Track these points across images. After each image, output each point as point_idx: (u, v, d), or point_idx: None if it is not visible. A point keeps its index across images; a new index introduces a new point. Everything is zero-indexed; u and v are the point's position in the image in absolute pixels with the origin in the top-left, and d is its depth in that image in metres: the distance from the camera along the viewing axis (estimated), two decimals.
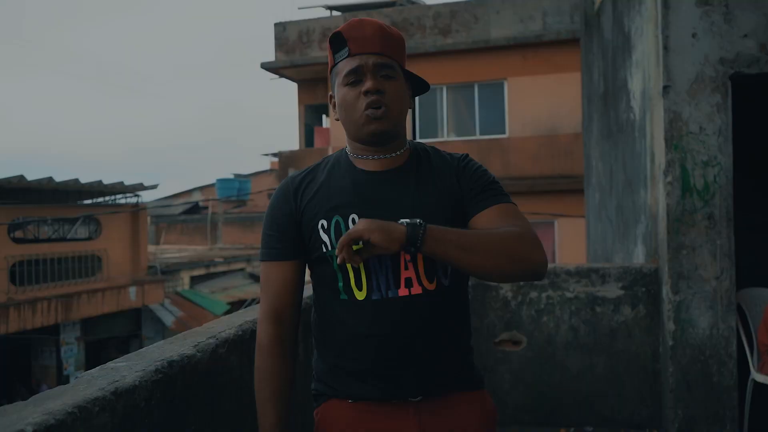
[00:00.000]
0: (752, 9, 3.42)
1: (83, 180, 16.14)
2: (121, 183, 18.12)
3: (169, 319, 18.83)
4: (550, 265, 3.42)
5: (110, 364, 1.37)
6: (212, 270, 22.81)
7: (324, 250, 1.34)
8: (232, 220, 30.63)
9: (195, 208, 32.72)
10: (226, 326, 1.79)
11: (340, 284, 1.34)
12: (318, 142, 13.38)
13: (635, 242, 4.25)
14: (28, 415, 1.01)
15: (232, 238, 30.03)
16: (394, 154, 1.38)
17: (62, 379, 15.25)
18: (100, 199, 19.14)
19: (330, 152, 8.68)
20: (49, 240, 18.25)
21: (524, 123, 11.68)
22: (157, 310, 18.92)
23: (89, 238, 18.74)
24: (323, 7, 14.10)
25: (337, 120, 1.40)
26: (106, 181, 17.21)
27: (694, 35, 3.48)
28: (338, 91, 1.35)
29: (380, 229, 1.20)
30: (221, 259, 23.83)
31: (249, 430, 1.74)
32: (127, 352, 18.91)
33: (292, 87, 14.31)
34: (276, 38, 12.70)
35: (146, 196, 20.35)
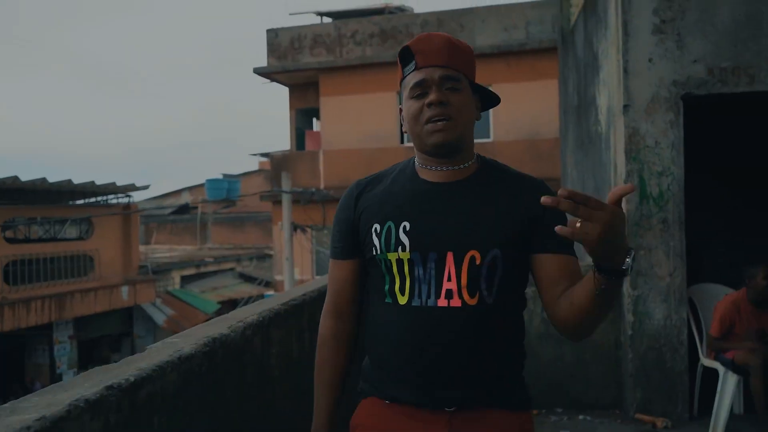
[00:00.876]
0: (701, 37, 3.87)
1: (76, 180, 16.36)
2: (113, 183, 18.34)
3: (160, 318, 19.08)
4: None
5: (168, 340, 1.77)
6: (202, 270, 23.09)
7: (374, 252, 1.37)
8: (221, 220, 30.88)
9: (184, 208, 32.92)
10: (250, 313, 2.18)
11: (387, 287, 1.37)
12: (309, 146, 13.76)
13: None
14: (127, 370, 1.41)
15: (222, 238, 30.29)
16: (459, 167, 1.38)
17: (55, 377, 15.50)
18: (93, 200, 19.32)
19: (320, 156, 9.15)
20: (41, 240, 18.45)
21: (508, 128, 12.16)
22: (148, 309, 19.16)
23: (81, 238, 18.94)
24: (314, 13, 14.50)
25: (405, 132, 1.42)
26: (98, 182, 17.43)
27: (650, 60, 3.92)
28: (405, 103, 1.37)
29: (621, 229, 1.11)
30: (211, 259, 24.11)
31: (266, 402, 2.13)
32: (119, 350, 19.16)
33: (282, 89, 14.71)
34: (268, 44, 13.07)
35: (136, 196, 20.49)
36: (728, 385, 3.64)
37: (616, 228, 1.08)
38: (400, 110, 1.42)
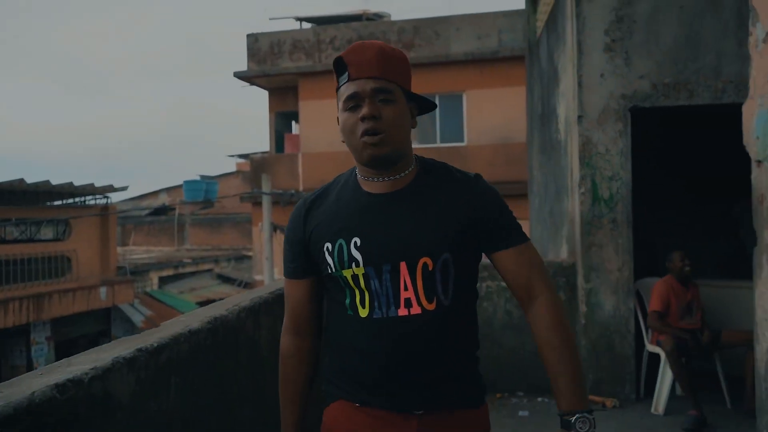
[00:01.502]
0: (646, 56, 4.30)
1: (54, 181, 16.39)
2: (92, 185, 18.38)
3: (138, 319, 19.13)
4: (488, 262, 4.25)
5: (177, 318, 2.10)
6: (180, 271, 23.17)
7: (329, 271, 1.39)
8: (199, 222, 30.92)
9: (162, 209, 32.86)
10: (243, 299, 2.52)
11: (347, 301, 1.39)
12: (288, 148, 14.05)
13: (561, 242, 5.10)
14: (150, 339, 1.74)
15: (200, 240, 30.34)
16: (398, 176, 1.39)
17: None
18: (71, 201, 19.32)
19: (299, 158, 9.51)
20: (18, 241, 18.40)
21: (481, 132, 12.61)
22: (126, 310, 19.22)
23: (58, 239, 18.92)
24: (293, 18, 14.80)
25: (343, 142, 1.42)
26: (76, 183, 17.46)
27: (602, 75, 4.34)
28: (340, 115, 1.37)
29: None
30: (189, 260, 24.19)
31: (257, 377, 2.46)
32: None
33: (261, 92, 14.92)
34: (248, 48, 13.35)
35: (113, 197, 20.50)
36: (668, 366, 4.06)
37: None
38: (338, 118, 1.41)
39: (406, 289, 1.34)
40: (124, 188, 20.05)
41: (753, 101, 2.81)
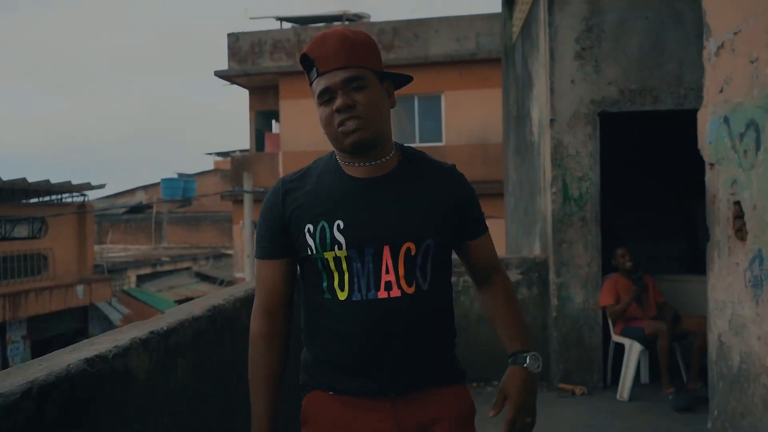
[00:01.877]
0: (614, 63, 4.56)
1: (30, 179, 16.27)
2: (69, 182, 18.28)
3: (116, 317, 19.07)
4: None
5: (179, 306, 2.28)
6: (159, 269, 23.10)
7: (309, 252, 1.38)
8: (177, 220, 30.77)
9: (138, 207, 32.63)
10: (238, 290, 2.70)
11: (325, 284, 1.39)
12: (269, 147, 14.17)
13: (535, 239, 5.34)
14: (159, 324, 1.91)
15: (177, 238, 30.20)
16: (380, 161, 1.40)
17: None
18: (47, 198, 19.16)
19: (280, 157, 9.68)
20: None
21: (459, 132, 12.87)
22: (104, 309, 19.13)
23: (34, 237, 18.75)
24: (274, 18, 14.90)
25: (324, 134, 1.41)
26: (48, 180, 17.34)
27: (572, 81, 4.59)
28: (318, 109, 1.38)
29: (531, 407, 1.46)
30: (168, 258, 24.12)
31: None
32: None
33: (240, 91, 14.98)
34: (229, 47, 13.44)
35: (90, 195, 20.37)
36: (633, 355, 4.33)
37: (519, 384, 1.48)
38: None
39: (387, 272, 1.35)
40: (101, 186, 19.97)
41: (706, 109, 3.07)
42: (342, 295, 1.37)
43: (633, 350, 4.35)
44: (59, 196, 19.37)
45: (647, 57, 4.52)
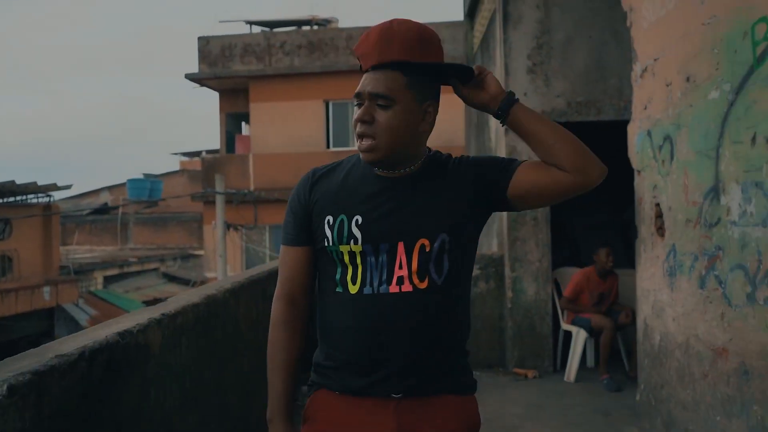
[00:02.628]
0: (562, 78, 5.03)
1: None
2: (35, 183, 18.14)
3: (83, 318, 18.97)
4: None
5: (178, 295, 2.63)
6: (126, 270, 22.99)
7: (326, 243, 1.39)
8: (143, 221, 30.56)
9: (104, 209, 32.28)
10: (227, 282, 3.06)
11: (338, 276, 1.39)
12: (239, 149, 14.41)
13: (493, 237, 5.80)
14: (167, 308, 2.27)
15: (144, 239, 29.99)
16: (404, 170, 1.39)
17: None
18: (12, 199, 18.95)
19: (250, 159, 9.99)
20: None
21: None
22: (71, 310, 19.01)
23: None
24: (243, 21, 15.14)
25: None
26: (13, 180, 17.20)
27: (525, 94, 5.04)
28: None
29: (494, 77, 1.37)
30: (135, 259, 24.01)
31: (237, 346, 3.00)
32: None
33: (205, 91, 15.13)
34: (200, 51, 13.63)
35: (54, 196, 20.22)
36: (579, 342, 4.81)
37: (492, 77, 1.38)
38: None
39: (400, 267, 1.34)
40: (68, 187, 19.83)
41: (634, 123, 3.54)
42: (353, 289, 1.37)
43: (579, 337, 4.83)
44: (24, 197, 19.17)
45: (591, 72, 5.01)
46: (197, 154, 41.74)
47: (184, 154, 42.48)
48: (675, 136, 3.04)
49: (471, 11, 7.35)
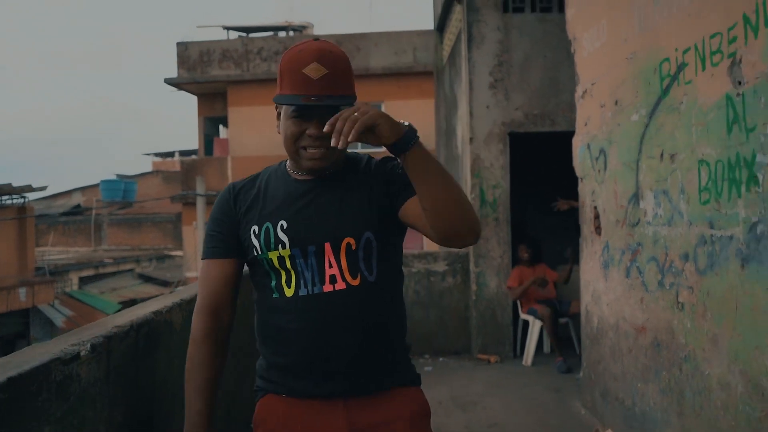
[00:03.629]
0: (521, 92, 5.59)
1: None
2: (9, 184, 18.19)
3: (59, 319, 19.04)
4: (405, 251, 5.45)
5: (189, 285, 3.09)
6: (101, 271, 23.07)
7: (255, 253, 1.42)
8: (117, 222, 30.55)
9: (76, 209, 32.13)
10: None
11: (273, 283, 1.41)
12: (217, 152, 14.76)
13: None
14: (183, 294, 2.74)
15: (118, 240, 29.98)
16: (328, 173, 1.44)
17: None
18: None
19: (229, 161, 10.46)
20: None
21: None
22: (46, 311, 19.07)
23: None
24: (221, 27, 15.49)
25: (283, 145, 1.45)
26: None
27: (487, 107, 5.59)
28: (282, 118, 1.42)
29: (387, 118, 1.23)
30: (111, 260, 24.08)
31: (239, 343, 3.47)
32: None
33: (177, 92, 15.41)
34: (178, 56, 13.95)
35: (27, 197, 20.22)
36: (534, 330, 5.37)
37: (380, 114, 1.24)
38: (278, 115, 1.44)
39: (330, 266, 1.38)
40: (43, 188, 19.88)
41: (577, 137, 4.10)
42: (289, 292, 1.39)
43: (534, 326, 5.40)
44: None
45: (546, 88, 5.58)
46: (170, 154, 41.80)
47: (157, 154, 42.37)
48: (608, 149, 3.60)
49: (440, 26, 7.88)
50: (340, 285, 1.38)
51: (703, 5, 2.54)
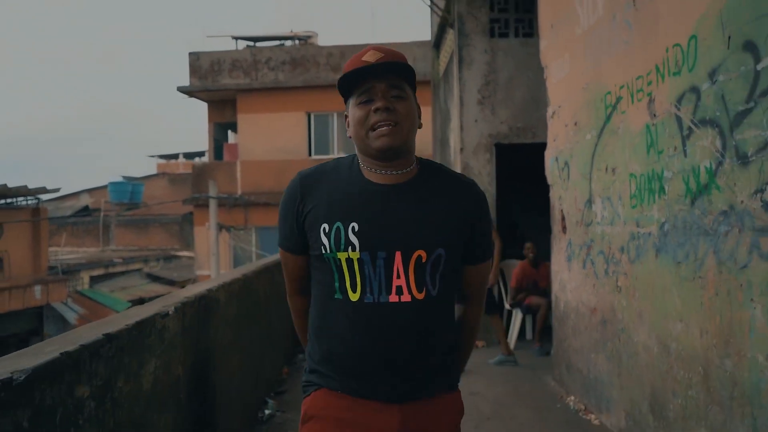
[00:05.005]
0: (505, 108, 6.31)
1: None
2: (25, 186, 18.92)
3: (72, 317, 19.74)
4: None
5: (226, 272, 3.82)
6: (111, 270, 23.80)
7: (323, 251, 1.42)
8: (125, 223, 31.29)
9: (85, 210, 32.90)
10: (250, 268, 4.25)
11: (337, 284, 1.42)
12: (227, 156, 15.51)
13: None
14: (225, 278, 3.46)
15: (126, 240, 30.71)
16: (402, 171, 1.44)
17: None
18: (2, 201, 19.64)
19: (238, 166, 11.33)
20: None
21: None
22: (59, 308, 19.78)
23: None
24: (230, 36, 16.23)
25: (350, 138, 1.48)
26: (5, 184, 17.96)
27: (476, 121, 6.31)
28: (351, 110, 1.45)
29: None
30: (120, 260, 24.81)
31: (260, 313, 4.18)
32: None
33: (184, 99, 16.13)
34: (190, 65, 14.69)
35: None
36: (517, 319, 6.08)
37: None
38: (345, 117, 1.49)
39: (398, 277, 1.38)
40: (56, 190, 20.65)
41: (548, 150, 4.81)
42: (354, 297, 1.40)
43: (517, 316, 6.10)
44: (14, 200, 19.88)
45: (528, 104, 6.29)
46: (175, 156, 42.51)
47: (161, 156, 43.11)
48: (570, 162, 4.31)
49: (437, 43, 8.60)
50: (406, 297, 1.39)
51: (631, 52, 3.26)
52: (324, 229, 1.42)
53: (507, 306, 6.38)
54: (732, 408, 2.38)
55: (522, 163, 7.31)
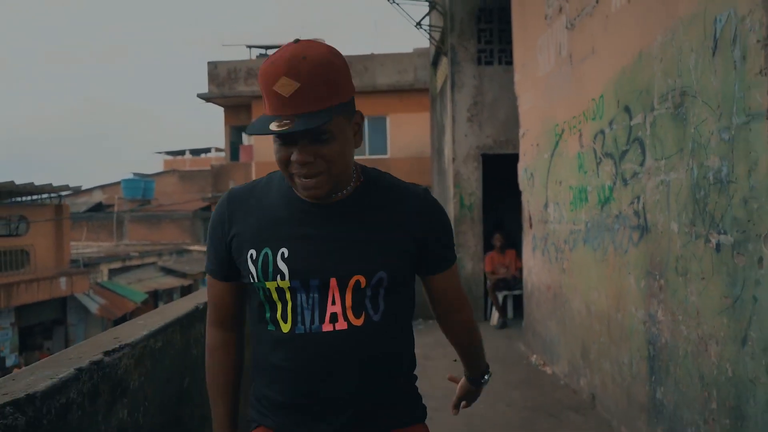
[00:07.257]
0: (491, 124, 7.54)
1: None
2: (50, 184, 20.17)
3: (93, 307, 21.01)
4: None
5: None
6: (127, 263, 25.10)
7: (251, 280, 1.29)
8: (138, 218, 32.56)
9: (98, 206, 34.22)
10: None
11: (268, 315, 1.31)
12: (243, 158, 16.76)
13: None
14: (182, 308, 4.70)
15: (139, 235, 31.98)
16: (338, 194, 1.28)
17: None
18: (28, 198, 20.88)
19: (253, 168, 12.78)
20: None
21: (401, 147, 15.86)
22: (82, 299, 21.06)
23: (11, 235, 20.44)
24: (245, 45, 17.47)
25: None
26: (32, 182, 19.18)
27: (466, 135, 7.54)
28: (274, 141, 1.26)
29: (478, 392, 1.68)
30: (136, 254, 26.11)
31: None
32: (51, 338, 20.79)
33: (188, 95, 17.35)
34: (209, 73, 15.92)
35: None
36: (498, 300, 7.33)
37: (474, 393, 1.70)
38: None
39: (333, 303, 1.26)
40: (78, 188, 21.93)
41: (520, 163, 6.04)
42: (285, 328, 1.28)
43: (497, 298, 7.35)
44: (39, 197, 21.12)
45: (509, 121, 7.51)
46: (181, 152, 43.72)
47: (168, 153, 44.37)
48: (534, 174, 5.54)
49: (434, 62, 9.82)
50: (341, 325, 1.27)
51: (570, 97, 4.48)
52: (251, 255, 1.29)
53: (489, 290, 7.62)
54: (620, 345, 3.62)
55: (505, 170, 8.55)
